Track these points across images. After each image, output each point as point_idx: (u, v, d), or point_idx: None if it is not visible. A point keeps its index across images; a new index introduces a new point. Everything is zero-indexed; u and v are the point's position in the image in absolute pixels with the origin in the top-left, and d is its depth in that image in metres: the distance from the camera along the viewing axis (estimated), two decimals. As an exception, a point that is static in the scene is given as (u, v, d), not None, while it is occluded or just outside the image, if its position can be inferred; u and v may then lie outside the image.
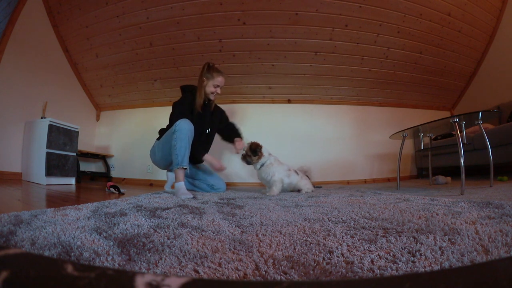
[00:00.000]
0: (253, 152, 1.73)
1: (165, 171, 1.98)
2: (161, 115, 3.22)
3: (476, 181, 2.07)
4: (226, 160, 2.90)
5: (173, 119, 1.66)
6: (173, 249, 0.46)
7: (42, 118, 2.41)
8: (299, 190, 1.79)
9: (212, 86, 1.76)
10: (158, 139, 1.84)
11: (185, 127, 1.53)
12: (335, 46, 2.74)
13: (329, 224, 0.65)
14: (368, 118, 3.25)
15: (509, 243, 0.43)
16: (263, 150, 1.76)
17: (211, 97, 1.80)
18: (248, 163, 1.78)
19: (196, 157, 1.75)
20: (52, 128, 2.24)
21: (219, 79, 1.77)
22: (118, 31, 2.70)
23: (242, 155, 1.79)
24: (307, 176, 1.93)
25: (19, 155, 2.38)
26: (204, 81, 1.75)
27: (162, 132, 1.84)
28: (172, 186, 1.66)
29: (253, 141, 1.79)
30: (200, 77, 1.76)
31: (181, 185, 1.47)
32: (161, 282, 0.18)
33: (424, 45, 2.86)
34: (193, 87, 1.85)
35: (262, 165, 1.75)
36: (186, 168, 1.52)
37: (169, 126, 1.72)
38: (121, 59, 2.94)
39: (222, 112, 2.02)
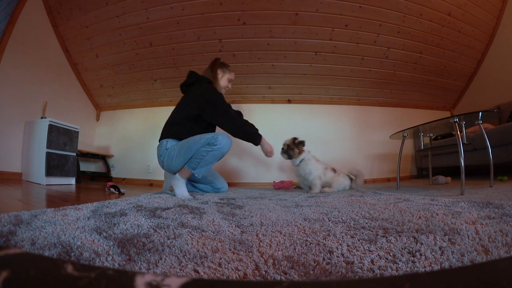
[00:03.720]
0: (297, 145, 1.71)
1: (163, 171, 1.82)
2: (161, 115, 3.21)
3: (476, 181, 2.07)
4: (228, 159, 2.90)
5: (225, 108, 1.54)
6: (173, 249, 0.45)
7: (42, 118, 2.41)
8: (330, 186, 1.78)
9: (227, 80, 1.73)
10: (165, 137, 1.59)
11: (226, 147, 1.42)
12: (335, 46, 2.74)
13: (329, 224, 0.64)
14: (368, 118, 3.25)
15: (509, 243, 0.43)
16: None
17: (223, 91, 1.73)
18: (290, 157, 1.74)
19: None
20: (52, 128, 2.24)
21: (233, 74, 1.76)
22: (118, 31, 2.70)
23: (283, 148, 1.75)
24: (352, 176, 1.87)
25: (19, 155, 2.38)
26: (219, 73, 1.70)
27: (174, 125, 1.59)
28: (171, 188, 1.62)
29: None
30: (213, 70, 1.69)
31: (184, 182, 1.43)
32: (161, 282, 0.18)
33: (424, 45, 2.86)
34: (204, 77, 1.69)
35: (301, 161, 1.74)
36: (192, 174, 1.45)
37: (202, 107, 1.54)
38: (121, 59, 2.94)
39: None
